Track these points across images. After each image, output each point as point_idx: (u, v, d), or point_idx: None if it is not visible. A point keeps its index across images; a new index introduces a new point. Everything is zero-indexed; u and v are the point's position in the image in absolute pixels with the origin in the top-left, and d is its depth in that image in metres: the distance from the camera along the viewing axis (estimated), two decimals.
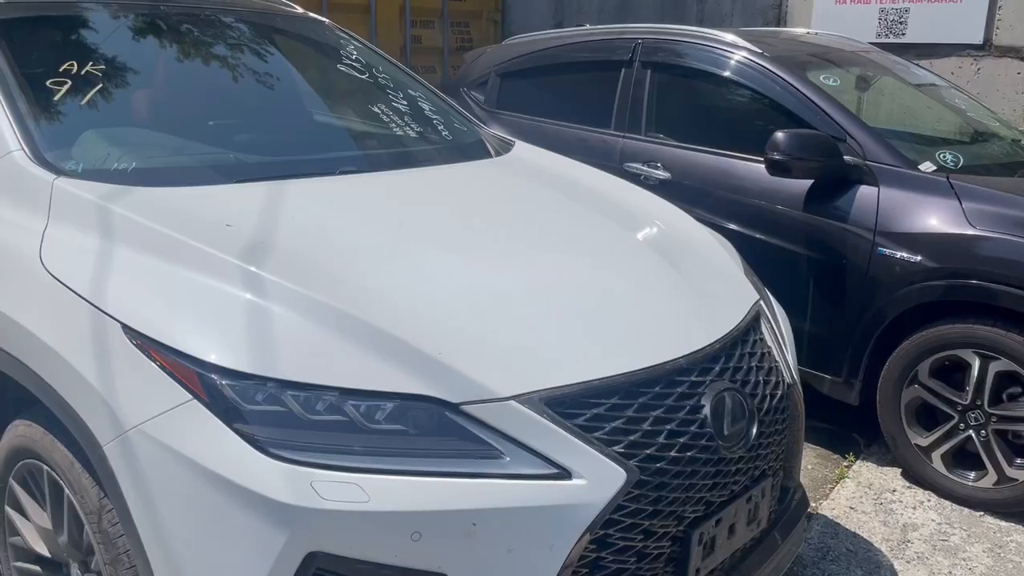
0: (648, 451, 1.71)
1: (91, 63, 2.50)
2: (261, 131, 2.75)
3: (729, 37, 3.88)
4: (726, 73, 3.80)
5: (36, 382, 1.79)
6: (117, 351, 1.64)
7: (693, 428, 1.80)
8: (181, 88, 2.80)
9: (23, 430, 1.91)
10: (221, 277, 1.74)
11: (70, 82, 2.40)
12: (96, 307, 1.71)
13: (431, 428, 1.61)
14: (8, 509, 2.04)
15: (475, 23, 7.37)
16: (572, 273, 2.04)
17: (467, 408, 1.61)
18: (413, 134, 2.87)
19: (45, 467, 1.86)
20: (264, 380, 1.57)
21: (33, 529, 1.98)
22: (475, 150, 2.88)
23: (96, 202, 1.95)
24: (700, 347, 1.92)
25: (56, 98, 2.35)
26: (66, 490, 1.81)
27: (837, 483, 3.24)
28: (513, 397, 1.63)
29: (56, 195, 1.98)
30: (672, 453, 1.74)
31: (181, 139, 2.56)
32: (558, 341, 1.79)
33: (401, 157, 2.70)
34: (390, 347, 1.65)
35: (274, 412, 1.56)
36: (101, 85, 2.46)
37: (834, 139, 3.27)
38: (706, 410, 1.83)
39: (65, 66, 2.43)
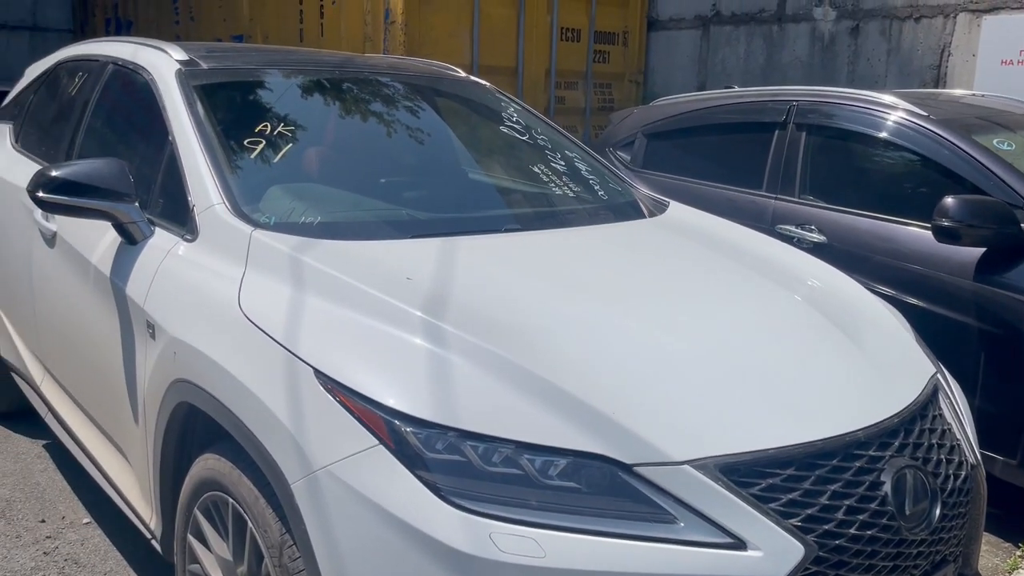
0: (826, 527, 1.65)
1: (280, 124, 2.71)
2: (429, 189, 2.88)
3: (888, 98, 3.79)
4: (887, 136, 3.70)
5: (229, 419, 1.91)
6: (308, 394, 1.74)
7: (873, 505, 1.72)
8: (355, 147, 2.98)
9: (212, 463, 2.04)
10: (405, 328, 1.82)
11: (264, 141, 2.61)
12: (289, 351, 1.82)
13: (604, 487, 1.61)
14: (191, 538, 2.18)
15: (617, 84, 7.49)
16: (742, 336, 2.02)
17: (641, 470, 1.61)
18: (571, 194, 2.93)
19: (230, 500, 1.98)
20: (445, 429, 1.62)
21: (213, 559, 2.09)
22: (631, 210, 2.91)
23: (289, 253, 2.09)
24: (878, 420, 1.85)
25: (251, 156, 2.56)
26: (249, 524, 1.91)
27: (1010, 574, 2.99)
28: (687, 462, 1.62)
29: (253, 246, 2.14)
30: (851, 531, 1.67)
31: (356, 195, 2.72)
32: (732, 406, 1.76)
33: (561, 216, 2.76)
34: (564, 404, 1.68)
35: (454, 461, 1.60)
36: (291, 145, 2.65)
37: (1010, 206, 3.11)
38: (886, 487, 1.75)
39: (260, 126, 2.65)
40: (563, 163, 3.08)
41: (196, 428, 2.20)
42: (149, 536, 2.45)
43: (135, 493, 2.53)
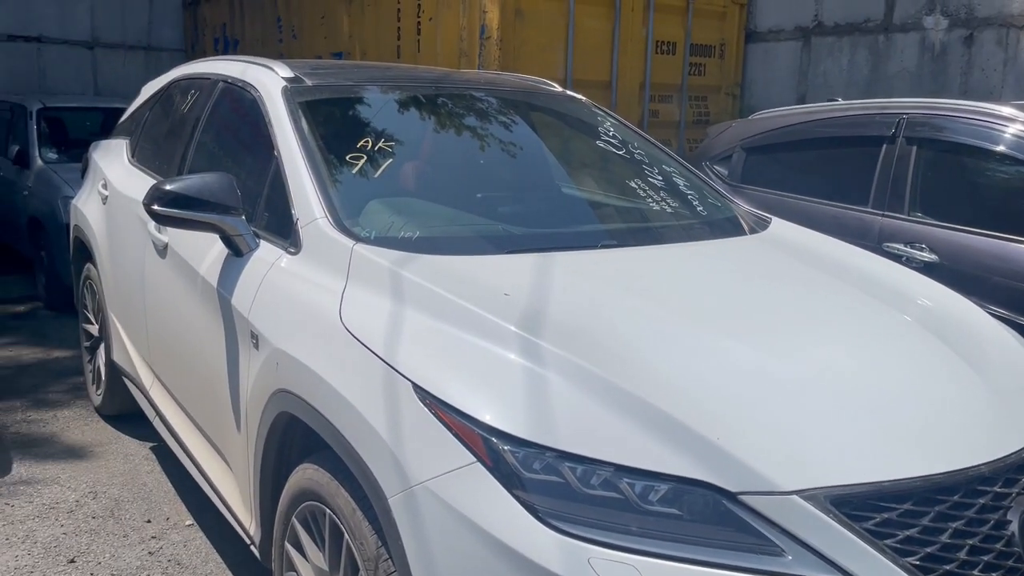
0: (947, 567, 1.55)
1: (380, 139, 2.75)
2: (525, 203, 2.88)
3: (1007, 110, 3.60)
4: (1005, 149, 3.51)
5: (329, 430, 1.94)
6: (407, 408, 1.75)
7: (998, 546, 1.61)
8: (452, 162, 3.00)
9: (310, 473, 2.07)
10: (503, 344, 1.81)
11: (364, 156, 2.65)
12: (389, 365, 1.83)
13: (707, 515, 1.55)
14: (288, 546, 2.21)
15: (713, 97, 7.35)
16: (853, 361, 1.93)
17: (746, 499, 1.55)
18: (669, 209, 2.88)
19: (328, 511, 2.00)
20: (543, 449, 1.60)
21: (310, 568, 2.13)
22: (731, 227, 2.83)
23: (389, 267, 2.11)
24: (1005, 454, 1.73)
25: (352, 171, 2.61)
26: (346, 535, 1.93)
27: None
28: (796, 492, 1.55)
29: (355, 260, 2.17)
30: (975, 572, 1.57)
31: (453, 210, 2.73)
32: (844, 435, 1.68)
33: (659, 232, 2.71)
34: (666, 427, 1.63)
35: (551, 482, 1.58)
36: (390, 160, 2.69)
37: None
38: (1014, 527, 1.63)
39: (361, 142, 2.70)
40: (661, 178, 3.03)
41: (295, 438, 2.24)
42: (248, 541, 2.51)
43: (236, 498, 2.60)
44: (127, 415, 4.07)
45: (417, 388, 1.75)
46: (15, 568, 2.89)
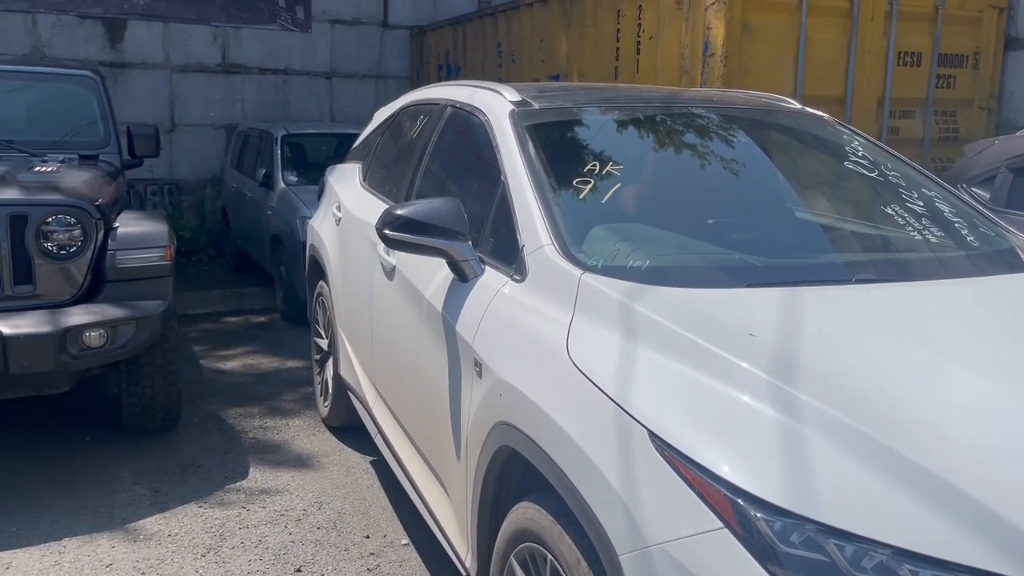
0: None
1: (608, 163, 2.63)
2: (763, 231, 2.64)
3: None
4: None
5: (553, 470, 1.83)
6: (642, 458, 1.60)
7: None
8: (681, 186, 2.82)
9: (531, 513, 1.97)
10: (751, 393, 1.61)
11: (592, 181, 2.55)
12: (621, 407, 1.70)
13: None
14: None
15: (964, 112, 6.61)
16: None
17: None
18: (934, 240, 2.53)
19: (548, 556, 1.89)
20: (803, 520, 1.39)
21: None
22: (1010, 260, 2.44)
23: (619, 299, 1.98)
24: None
25: (580, 196, 2.51)
26: None
27: None
28: None
29: (582, 290, 2.06)
30: None
31: (683, 237, 2.56)
32: None
33: (923, 266, 2.38)
34: (955, 504, 1.37)
35: (814, 561, 1.36)
36: (618, 184, 2.57)
37: None
38: None
39: (589, 165, 2.60)
40: (922, 203, 2.68)
41: (516, 472, 2.16)
42: (464, 573, 2.46)
43: (452, 526, 2.56)
44: (350, 427, 4.23)
45: (653, 436, 1.59)
46: (248, 573, 3.04)
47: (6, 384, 3.61)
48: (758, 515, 1.40)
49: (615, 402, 1.72)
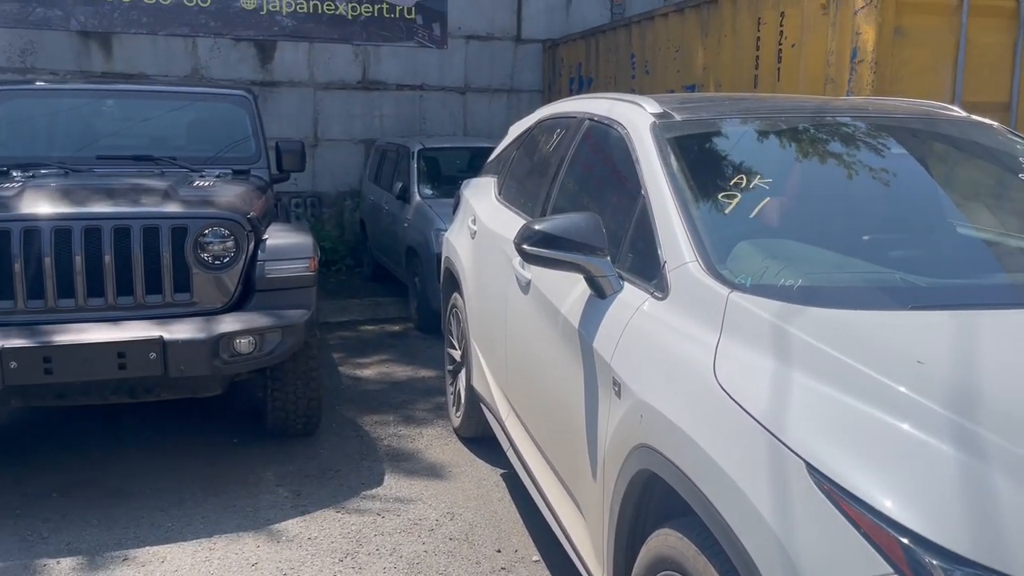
0: None
1: (756, 176, 2.52)
2: (925, 249, 2.47)
3: None
4: None
5: (698, 499, 1.75)
6: (799, 492, 1.50)
7: None
8: (832, 200, 2.68)
9: (673, 541, 1.90)
10: (923, 427, 1.48)
11: (738, 195, 2.45)
12: (774, 436, 1.60)
13: None
14: None
15: None
16: None
17: None
18: None
19: None
20: (988, 572, 1.25)
21: None
22: None
23: (771, 320, 1.88)
24: None
25: (725, 211, 2.41)
26: None
27: None
28: None
29: (730, 309, 1.97)
30: None
31: (836, 254, 2.41)
32: None
33: None
34: None
35: None
36: (766, 199, 2.45)
37: None
38: None
39: (735, 179, 2.50)
40: None
41: (655, 496, 2.09)
42: None
43: (587, 547, 2.51)
44: (481, 439, 4.26)
45: (812, 470, 1.49)
46: None
47: (164, 386, 3.84)
48: (935, 562, 1.28)
49: (768, 430, 1.62)
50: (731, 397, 1.76)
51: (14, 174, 4.53)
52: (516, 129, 4.47)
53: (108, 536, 3.40)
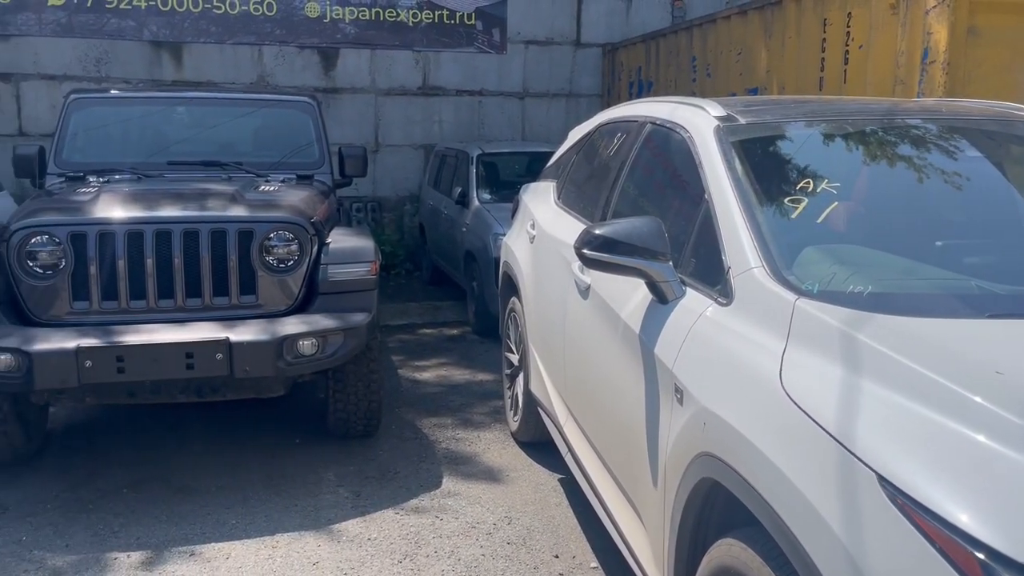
0: None
1: (824, 180, 2.47)
2: (1001, 254, 2.37)
3: None
4: None
5: (764, 509, 1.72)
6: (870, 505, 1.46)
7: None
8: (902, 204, 2.60)
9: (736, 552, 1.86)
10: (999, 438, 1.43)
11: (805, 199, 2.40)
12: (844, 446, 1.56)
13: None
14: None
15: None
16: None
17: None
18: None
19: None
20: None
21: None
22: None
23: (839, 327, 1.83)
24: None
25: (791, 216, 2.37)
26: None
27: None
28: None
29: (797, 316, 1.93)
30: None
31: (907, 260, 2.34)
32: None
33: None
34: None
35: None
36: (835, 203, 2.40)
37: None
38: None
39: (801, 183, 2.45)
40: None
41: (718, 505, 2.05)
42: None
43: (646, 555, 2.48)
44: (539, 443, 4.25)
45: (884, 482, 1.45)
46: None
47: (230, 386, 3.93)
48: None
49: (837, 440, 1.58)
50: (798, 406, 1.72)
51: (90, 179, 4.70)
52: (576, 133, 4.46)
53: (176, 531, 3.49)
